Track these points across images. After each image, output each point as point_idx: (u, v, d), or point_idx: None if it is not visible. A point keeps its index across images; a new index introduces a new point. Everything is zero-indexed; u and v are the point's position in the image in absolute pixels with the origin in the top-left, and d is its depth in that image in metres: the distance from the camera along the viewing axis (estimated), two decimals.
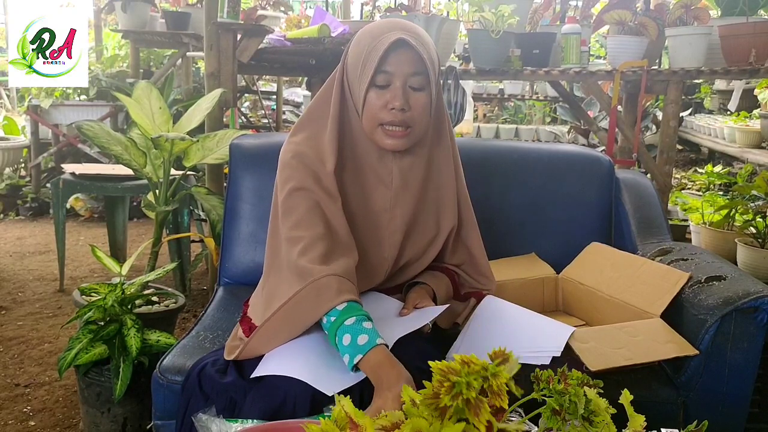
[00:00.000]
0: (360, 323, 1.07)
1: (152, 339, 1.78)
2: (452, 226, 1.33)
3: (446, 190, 1.31)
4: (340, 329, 1.08)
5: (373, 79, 1.15)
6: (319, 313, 1.11)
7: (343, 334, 1.07)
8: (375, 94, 1.17)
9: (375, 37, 1.16)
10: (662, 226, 1.79)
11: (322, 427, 0.77)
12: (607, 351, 1.32)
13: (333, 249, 1.16)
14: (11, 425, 1.93)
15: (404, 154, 1.25)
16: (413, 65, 1.16)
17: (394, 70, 1.15)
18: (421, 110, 1.19)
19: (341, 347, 1.08)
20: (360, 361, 1.04)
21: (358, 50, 1.19)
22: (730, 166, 4.72)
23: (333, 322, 1.09)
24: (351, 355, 1.05)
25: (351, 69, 1.21)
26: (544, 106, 6.49)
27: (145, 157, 2.22)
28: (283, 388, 1.08)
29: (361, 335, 1.06)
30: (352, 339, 1.06)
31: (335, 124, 1.22)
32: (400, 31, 1.15)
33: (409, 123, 1.18)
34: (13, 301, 2.90)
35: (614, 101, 2.66)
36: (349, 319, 1.08)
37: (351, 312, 1.08)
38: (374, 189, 1.26)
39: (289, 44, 2.86)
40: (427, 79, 1.17)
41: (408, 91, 1.17)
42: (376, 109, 1.17)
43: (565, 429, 0.83)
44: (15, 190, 4.53)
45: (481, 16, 2.66)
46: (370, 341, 1.05)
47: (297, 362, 1.12)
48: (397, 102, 1.15)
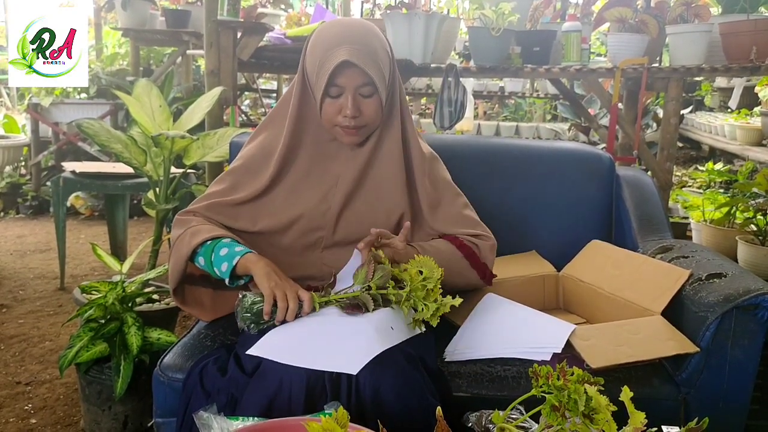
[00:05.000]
0: (235, 242, 1.29)
1: (153, 337, 1.78)
2: (401, 212, 1.38)
3: (389, 175, 1.38)
4: (218, 245, 1.27)
5: (327, 90, 1.27)
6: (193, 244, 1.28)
7: (221, 248, 1.27)
8: (329, 102, 1.29)
9: (325, 50, 1.27)
10: (663, 224, 1.79)
11: (323, 424, 0.77)
12: (608, 348, 1.32)
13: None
14: (12, 423, 1.93)
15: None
16: (361, 78, 1.27)
17: (344, 84, 1.27)
18: (372, 113, 1.31)
19: (218, 258, 1.26)
20: (238, 263, 1.24)
21: (313, 59, 1.30)
22: (730, 163, 4.72)
23: (208, 245, 1.28)
24: (229, 261, 1.25)
25: (309, 70, 1.32)
26: (544, 103, 6.48)
27: (146, 155, 2.22)
28: (278, 374, 1.09)
29: (237, 247, 1.27)
30: (229, 250, 1.26)
31: (295, 111, 1.34)
32: (347, 48, 1.24)
33: (361, 125, 1.31)
34: (14, 299, 2.90)
35: (615, 99, 2.66)
36: (226, 239, 1.29)
37: (224, 240, 1.29)
38: (325, 170, 1.38)
39: (289, 42, 2.86)
40: (374, 87, 1.28)
41: (358, 98, 1.28)
42: (330, 115, 1.30)
43: (566, 426, 0.84)
44: (15, 189, 4.53)
45: (481, 13, 2.65)
46: (245, 249, 1.27)
47: (302, 348, 1.13)
48: (348, 111, 1.27)
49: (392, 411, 1.08)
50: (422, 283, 1.18)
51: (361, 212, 1.38)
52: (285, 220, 1.36)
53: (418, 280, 1.18)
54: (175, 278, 1.34)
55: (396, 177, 1.39)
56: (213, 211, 1.37)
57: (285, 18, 4.17)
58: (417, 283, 1.18)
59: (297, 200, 1.36)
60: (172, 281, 1.35)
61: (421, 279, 1.18)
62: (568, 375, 0.84)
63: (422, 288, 1.19)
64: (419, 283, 1.18)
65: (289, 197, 1.36)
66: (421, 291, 1.19)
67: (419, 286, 1.18)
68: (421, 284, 1.18)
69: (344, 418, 0.79)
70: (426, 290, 1.19)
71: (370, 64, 1.26)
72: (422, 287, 1.18)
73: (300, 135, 1.36)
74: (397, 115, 1.39)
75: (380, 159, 1.38)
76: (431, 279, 1.18)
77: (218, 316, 1.47)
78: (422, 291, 1.19)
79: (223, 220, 1.37)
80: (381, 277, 1.21)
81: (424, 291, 1.19)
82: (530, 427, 0.91)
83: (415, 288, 1.19)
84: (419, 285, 1.18)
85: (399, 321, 1.24)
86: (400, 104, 1.39)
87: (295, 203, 1.36)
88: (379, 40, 1.31)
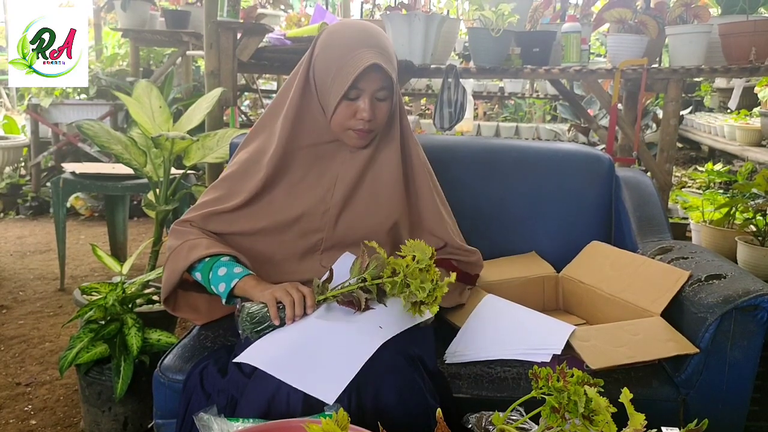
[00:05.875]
0: (233, 261, 1.29)
1: (153, 338, 1.78)
2: (397, 215, 1.39)
3: (388, 178, 1.38)
4: (216, 264, 1.28)
5: (346, 93, 1.26)
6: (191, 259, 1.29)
7: (219, 267, 1.28)
8: (345, 104, 1.28)
9: (347, 51, 1.25)
10: (662, 225, 1.79)
11: (324, 426, 0.77)
12: (608, 349, 1.32)
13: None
14: (12, 424, 1.93)
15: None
16: (381, 82, 1.27)
17: (364, 87, 1.27)
18: (384, 116, 1.32)
19: (216, 278, 1.27)
20: (236, 285, 1.25)
21: (329, 59, 1.28)
22: (730, 164, 4.72)
23: (207, 261, 1.28)
24: (227, 282, 1.26)
25: (319, 72, 1.30)
26: (544, 104, 6.49)
27: (146, 156, 2.22)
28: (275, 378, 1.09)
29: (236, 268, 1.28)
30: (228, 270, 1.27)
31: (292, 113, 1.32)
32: (373, 51, 1.24)
33: (372, 128, 1.32)
34: (14, 300, 2.90)
35: (614, 99, 2.66)
36: (224, 257, 1.29)
37: (223, 258, 1.30)
38: (324, 170, 1.37)
39: (289, 43, 2.86)
40: (391, 91, 1.30)
41: (374, 102, 1.29)
42: (345, 118, 1.29)
43: (566, 427, 0.84)
44: (15, 189, 4.53)
45: (481, 14, 2.65)
46: (244, 271, 1.27)
47: (287, 360, 1.12)
48: (365, 114, 1.28)
49: (392, 413, 1.08)
50: (415, 266, 1.16)
51: (359, 213, 1.37)
52: (284, 220, 1.35)
53: (413, 267, 1.16)
54: (168, 289, 1.34)
55: (394, 180, 1.39)
56: (210, 220, 1.36)
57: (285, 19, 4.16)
58: (412, 269, 1.16)
59: (296, 201, 1.36)
60: (164, 291, 1.35)
61: (415, 264, 1.16)
62: (567, 376, 0.84)
63: (417, 271, 1.16)
64: (414, 268, 1.16)
65: (288, 198, 1.36)
66: (417, 275, 1.16)
67: (414, 270, 1.16)
68: (415, 267, 1.16)
69: (344, 420, 0.79)
70: (420, 271, 1.16)
71: (391, 68, 1.27)
72: (416, 270, 1.16)
73: (298, 136, 1.35)
74: (396, 119, 1.39)
75: (379, 161, 1.38)
76: (423, 260, 1.16)
77: (212, 319, 1.46)
78: (417, 275, 1.16)
79: (221, 227, 1.36)
80: (375, 267, 1.21)
81: (419, 273, 1.16)
82: (530, 428, 0.91)
83: (410, 272, 1.16)
84: (414, 269, 1.16)
85: (391, 316, 1.23)
86: (399, 108, 1.39)
87: (294, 204, 1.36)
88: (391, 43, 1.32)
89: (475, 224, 1.67)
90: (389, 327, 1.21)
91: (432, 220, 1.44)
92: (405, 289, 1.17)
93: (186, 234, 1.35)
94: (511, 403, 0.93)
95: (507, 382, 1.30)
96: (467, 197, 1.74)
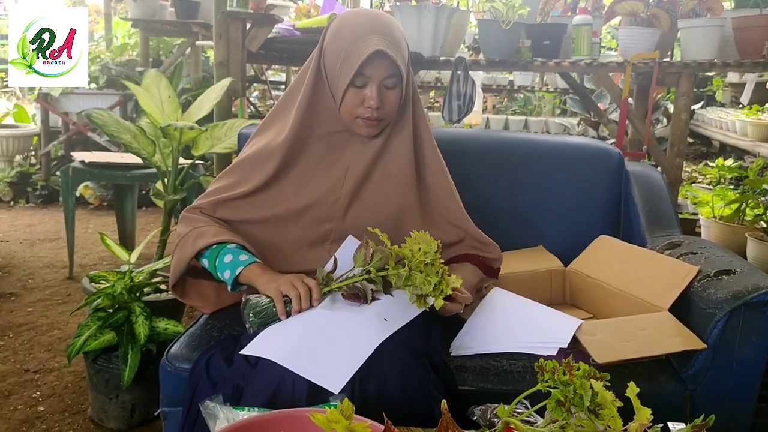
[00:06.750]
0: (240, 249, 1.29)
1: (160, 327, 1.79)
2: (408, 206, 1.39)
3: (399, 168, 1.38)
4: (223, 251, 1.28)
5: (352, 80, 1.26)
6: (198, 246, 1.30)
7: (225, 254, 1.28)
8: (352, 92, 1.28)
9: (354, 38, 1.25)
10: (672, 220, 1.78)
11: (328, 416, 0.78)
12: (615, 344, 1.32)
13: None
14: (20, 410, 1.95)
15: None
16: (389, 70, 1.26)
17: (371, 74, 1.26)
18: (393, 105, 1.31)
19: (222, 265, 1.27)
20: (241, 273, 1.26)
21: (337, 46, 1.28)
22: (741, 159, 4.69)
23: (214, 249, 1.29)
24: (232, 269, 1.26)
25: (329, 60, 1.30)
26: (554, 97, 6.45)
27: (154, 146, 2.23)
28: (281, 366, 1.09)
29: (242, 255, 1.28)
30: (234, 257, 1.27)
31: (305, 102, 1.32)
32: (379, 38, 1.23)
33: (382, 117, 1.31)
34: (23, 287, 2.93)
35: (625, 93, 2.64)
36: (231, 245, 1.30)
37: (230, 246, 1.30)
38: (335, 160, 1.37)
39: (298, 33, 2.85)
40: (400, 79, 1.28)
41: (382, 90, 1.28)
42: (352, 106, 1.29)
43: (571, 421, 0.83)
44: (25, 178, 4.56)
45: (491, 6, 2.64)
46: (249, 259, 1.28)
47: (294, 350, 1.13)
48: (372, 102, 1.27)
49: (396, 404, 1.08)
50: (421, 259, 1.15)
51: (370, 203, 1.37)
52: (295, 209, 1.35)
53: (419, 258, 1.15)
54: (176, 276, 1.35)
55: (406, 170, 1.38)
56: (220, 207, 1.37)
57: (294, 9, 4.16)
58: (418, 260, 1.15)
59: (306, 190, 1.36)
60: (173, 278, 1.36)
61: (421, 255, 1.15)
62: (573, 370, 0.84)
63: (422, 264, 1.15)
64: (420, 261, 1.15)
65: (299, 187, 1.36)
66: (422, 269, 1.15)
67: (420, 263, 1.15)
68: (421, 260, 1.15)
69: (349, 410, 0.79)
70: (425, 265, 1.16)
71: (399, 55, 1.26)
72: (422, 263, 1.15)
73: (310, 125, 1.35)
74: (409, 109, 1.38)
75: (391, 152, 1.38)
76: (429, 253, 1.15)
77: (220, 307, 1.47)
78: (422, 267, 1.15)
79: (231, 214, 1.37)
80: (380, 259, 1.20)
81: (424, 266, 1.16)
82: (535, 421, 0.91)
83: (416, 264, 1.15)
84: (420, 262, 1.15)
85: (396, 307, 1.23)
86: (413, 98, 1.38)
87: (304, 193, 1.36)
88: (401, 32, 1.31)
89: (483, 217, 1.67)
90: (395, 318, 1.21)
91: (449, 210, 1.42)
92: (410, 282, 1.17)
93: (195, 221, 1.35)
94: (516, 396, 0.93)
95: (512, 375, 1.29)
96: (475, 190, 1.73)
